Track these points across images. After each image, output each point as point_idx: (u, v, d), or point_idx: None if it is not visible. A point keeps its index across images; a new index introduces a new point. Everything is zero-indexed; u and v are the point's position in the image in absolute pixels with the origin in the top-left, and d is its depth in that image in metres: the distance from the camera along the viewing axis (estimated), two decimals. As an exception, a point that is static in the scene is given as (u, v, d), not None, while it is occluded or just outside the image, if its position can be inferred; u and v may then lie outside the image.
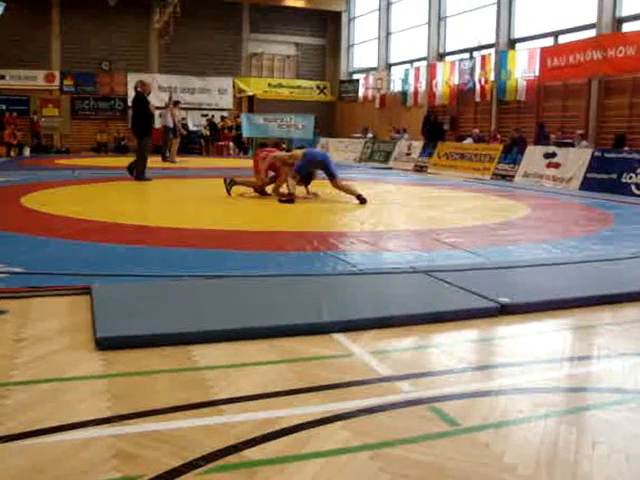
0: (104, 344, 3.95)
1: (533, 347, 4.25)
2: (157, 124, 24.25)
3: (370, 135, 28.59)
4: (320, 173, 12.33)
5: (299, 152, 12.37)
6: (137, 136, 16.14)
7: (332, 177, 12.08)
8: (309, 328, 4.35)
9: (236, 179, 12.52)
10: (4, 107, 29.39)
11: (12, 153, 26.37)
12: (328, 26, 34.41)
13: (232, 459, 2.68)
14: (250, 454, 2.72)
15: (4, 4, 24.87)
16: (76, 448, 2.74)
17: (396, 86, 28.98)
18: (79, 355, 3.86)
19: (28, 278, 5.56)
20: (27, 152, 27.36)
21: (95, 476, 2.53)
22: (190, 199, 12.70)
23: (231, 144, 31.08)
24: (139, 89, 16.11)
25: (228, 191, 12.30)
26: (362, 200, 11.62)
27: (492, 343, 4.51)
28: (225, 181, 12.42)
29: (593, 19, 18.87)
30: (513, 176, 17.96)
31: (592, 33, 19.03)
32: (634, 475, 2.63)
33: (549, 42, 21.02)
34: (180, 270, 5.96)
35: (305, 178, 12.27)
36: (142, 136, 15.92)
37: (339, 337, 4.26)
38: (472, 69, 23.54)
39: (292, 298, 5.06)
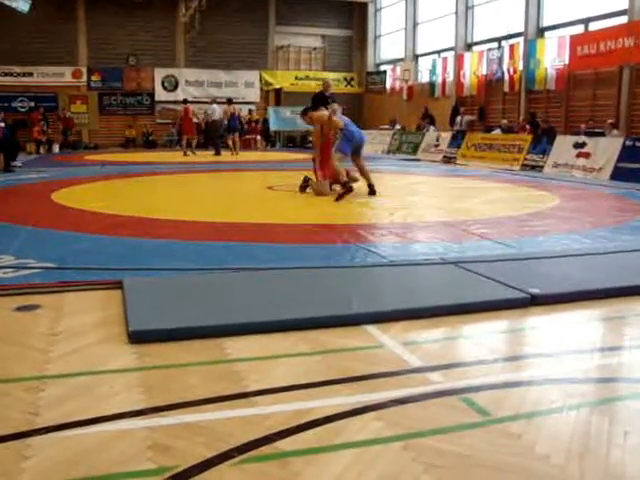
0: (136, 337, 4.00)
1: (564, 338, 4.24)
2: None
3: (398, 126, 28.46)
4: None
5: (339, 120, 11.60)
6: None
7: (358, 155, 11.77)
8: (340, 320, 4.36)
9: (310, 182, 11.75)
10: (32, 104, 29.55)
11: (41, 150, 26.57)
12: (354, 17, 34.23)
13: (265, 450, 2.70)
14: (283, 445, 2.74)
15: (30, 1, 25.03)
16: (111, 440, 2.78)
17: (424, 77, 28.80)
18: (112, 348, 3.91)
19: (60, 273, 5.64)
20: (56, 148, 27.52)
21: (131, 467, 2.57)
22: (219, 193, 12.75)
23: (258, 137, 31.06)
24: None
25: (302, 188, 11.72)
26: (373, 191, 11.39)
27: (522, 334, 4.50)
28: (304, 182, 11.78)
29: (624, 5, 18.60)
30: (542, 166, 17.79)
31: (623, 20, 18.74)
32: (667, 465, 2.62)
33: (579, 30, 20.72)
34: (210, 263, 6.00)
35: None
36: None
37: (369, 328, 4.28)
38: (500, 59, 23.32)
39: (322, 290, 5.08)
